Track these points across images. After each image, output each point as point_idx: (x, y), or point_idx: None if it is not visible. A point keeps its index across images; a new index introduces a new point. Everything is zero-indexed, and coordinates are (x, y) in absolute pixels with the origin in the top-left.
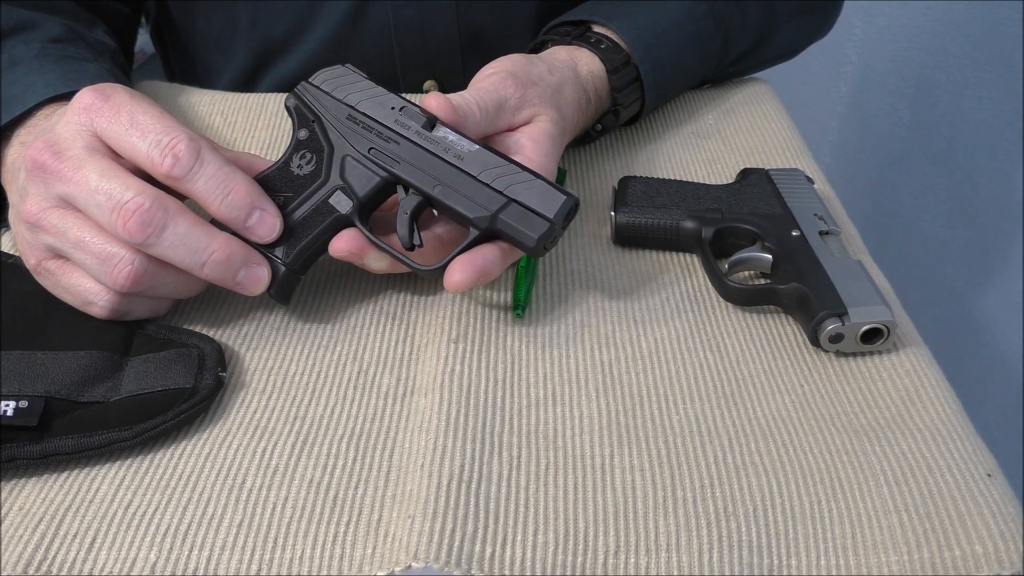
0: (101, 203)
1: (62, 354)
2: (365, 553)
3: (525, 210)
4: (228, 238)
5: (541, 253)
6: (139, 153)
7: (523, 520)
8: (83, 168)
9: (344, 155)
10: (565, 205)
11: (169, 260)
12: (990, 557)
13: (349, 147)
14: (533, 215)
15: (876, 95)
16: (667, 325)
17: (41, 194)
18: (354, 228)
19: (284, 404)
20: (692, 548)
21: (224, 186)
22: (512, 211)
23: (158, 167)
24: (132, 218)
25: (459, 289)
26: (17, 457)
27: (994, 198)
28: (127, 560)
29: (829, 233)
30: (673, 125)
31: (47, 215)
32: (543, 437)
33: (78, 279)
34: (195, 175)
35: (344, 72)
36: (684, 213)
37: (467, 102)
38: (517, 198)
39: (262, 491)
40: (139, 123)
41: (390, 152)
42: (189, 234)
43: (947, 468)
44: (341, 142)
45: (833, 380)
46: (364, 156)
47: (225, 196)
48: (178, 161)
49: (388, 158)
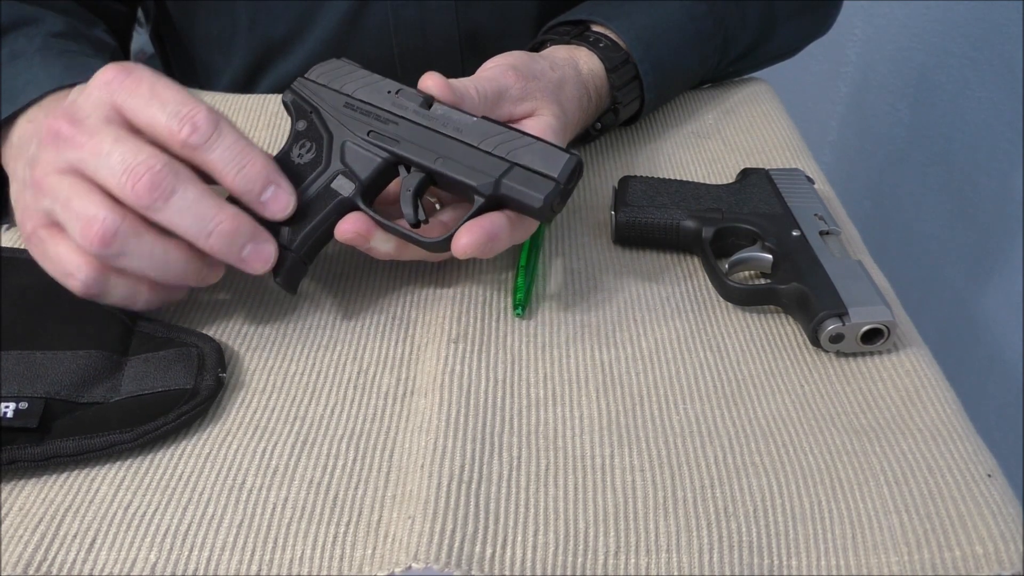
0: (112, 165)
1: (61, 354)
2: (365, 554)
3: (529, 172)
4: (237, 211)
5: (549, 215)
6: (158, 123)
7: (523, 521)
8: (97, 135)
9: (344, 141)
10: (569, 163)
11: (175, 227)
12: (990, 558)
13: (348, 133)
14: (537, 176)
15: (876, 95)
16: (667, 325)
17: (51, 160)
18: (359, 211)
19: (284, 404)
20: (692, 548)
21: (240, 158)
22: (515, 175)
23: (176, 135)
24: (142, 179)
25: (467, 253)
26: (18, 459)
27: (994, 198)
28: (127, 561)
29: (829, 233)
30: (673, 125)
31: (50, 179)
32: (543, 437)
33: (63, 248)
34: (212, 145)
35: (339, 64)
36: (684, 213)
37: (465, 85)
38: (519, 161)
39: (262, 491)
40: (160, 95)
41: (389, 133)
42: (198, 201)
43: (947, 469)
44: (340, 129)
45: (833, 380)
46: (363, 139)
47: (241, 168)
48: (196, 129)
49: (387, 139)
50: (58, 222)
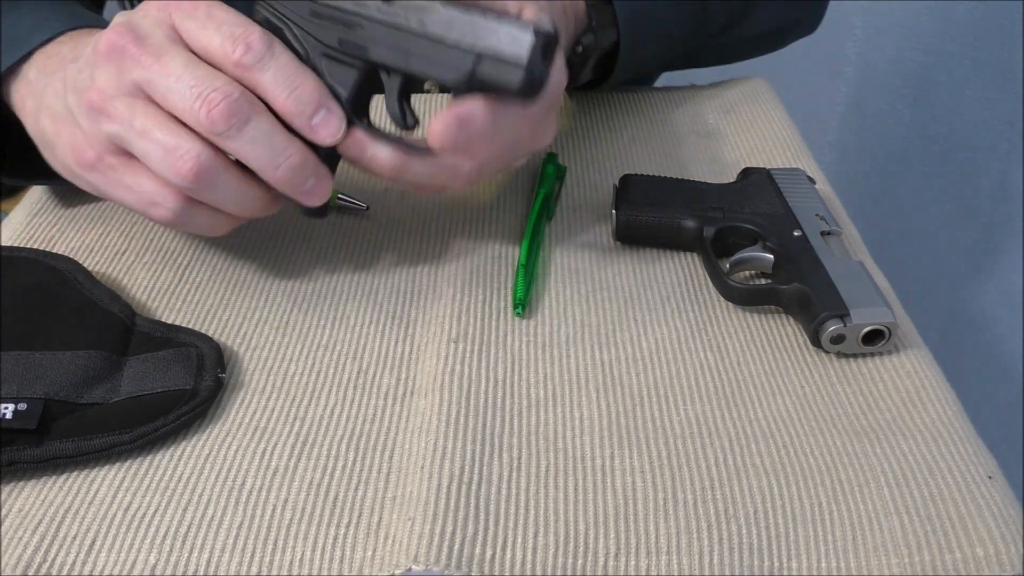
0: (184, 90)
1: (60, 354)
2: (365, 555)
3: (497, 61)
4: (304, 145)
5: (532, 93)
6: (213, 44)
7: (523, 522)
8: (166, 55)
9: (320, 54)
10: (534, 46)
11: (244, 157)
12: (991, 559)
13: (320, 45)
14: (506, 64)
15: (876, 95)
16: (667, 325)
17: (112, 80)
18: (351, 128)
19: (284, 404)
20: (693, 550)
21: (293, 79)
22: (485, 66)
23: (230, 55)
24: (218, 106)
25: (440, 140)
26: (17, 461)
27: (994, 198)
28: (127, 562)
29: (831, 233)
30: (673, 124)
31: (115, 102)
32: (543, 438)
33: (144, 179)
34: (265, 65)
35: None
36: (685, 212)
37: None
38: (486, 52)
39: (262, 493)
40: (215, 16)
41: (358, 39)
42: (271, 133)
43: (948, 470)
44: (311, 42)
45: (834, 381)
46: (336, 50)
47: (293, 89)
48: (250, 49)
49: (358, 46)
50: (130, 150)
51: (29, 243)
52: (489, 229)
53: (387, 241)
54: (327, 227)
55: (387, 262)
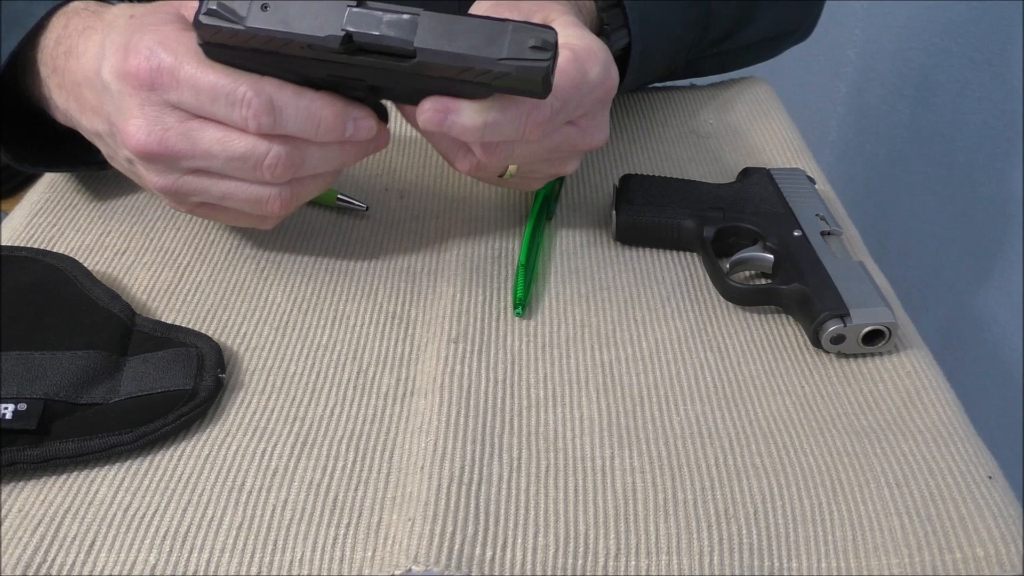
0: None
1: (60, 354)
2: (365, 556)
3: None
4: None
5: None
6: (225, 118)
7: (523, 523)
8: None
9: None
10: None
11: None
12: (991, 560)
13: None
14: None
15: (876, 95)
16: (668, 325)
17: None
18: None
19: (283, 405)
20: (693, 550)
21: (311, 118)
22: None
23: (249, 127)
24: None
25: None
26: (17, 461)
27: (994, 198)
28: (126, 563)
29: (831, 234)
30: (673, 124)
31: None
32: (543, 439)
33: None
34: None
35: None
36: (686, 212)
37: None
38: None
39: (262, 493)
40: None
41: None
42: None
43: (948, 471)
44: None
45: (834, 381)
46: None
47: (317, 126)
48: (258, 116)
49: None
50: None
51: (29, 243)
52: (489, 229)
53: (387, 241)
54: (327, 227)
55: (387, 262)
